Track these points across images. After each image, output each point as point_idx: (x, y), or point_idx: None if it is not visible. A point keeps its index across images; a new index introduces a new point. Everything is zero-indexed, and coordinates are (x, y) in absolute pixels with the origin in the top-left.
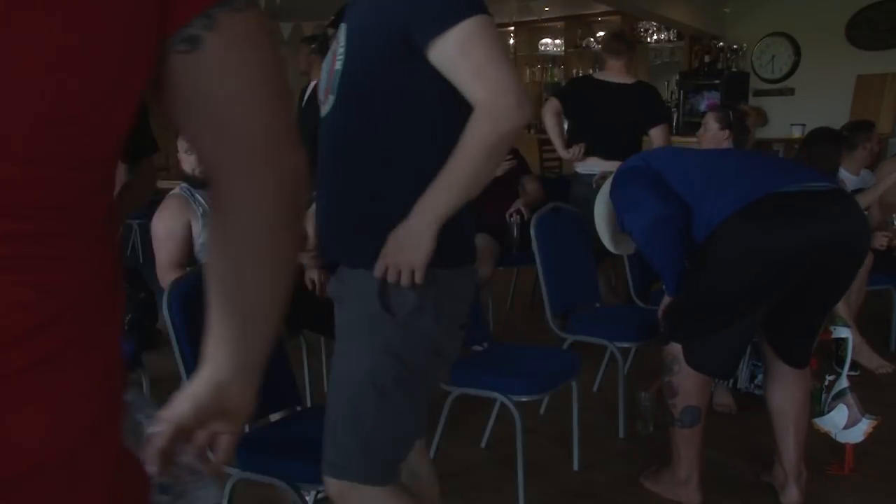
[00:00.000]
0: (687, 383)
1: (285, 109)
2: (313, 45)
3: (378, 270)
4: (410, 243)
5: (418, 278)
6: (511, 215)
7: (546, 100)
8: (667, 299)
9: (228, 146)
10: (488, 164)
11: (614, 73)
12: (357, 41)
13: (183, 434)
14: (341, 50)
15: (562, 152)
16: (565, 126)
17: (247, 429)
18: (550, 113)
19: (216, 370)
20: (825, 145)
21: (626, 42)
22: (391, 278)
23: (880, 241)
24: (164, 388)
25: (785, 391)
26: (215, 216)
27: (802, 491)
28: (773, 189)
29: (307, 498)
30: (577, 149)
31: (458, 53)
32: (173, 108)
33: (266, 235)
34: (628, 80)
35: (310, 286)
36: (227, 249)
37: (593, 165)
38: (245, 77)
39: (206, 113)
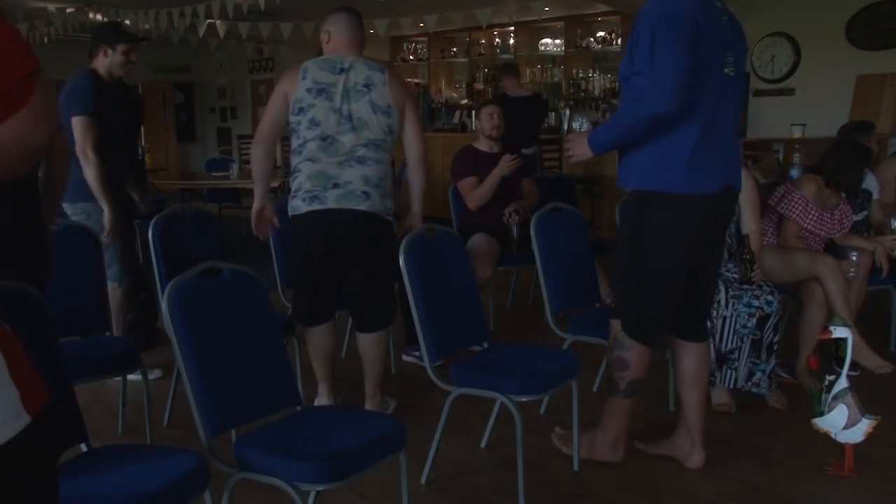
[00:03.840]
0: (638, 358)
1: None
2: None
3: None
4: None
5: None
6: (510, 215)
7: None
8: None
9: None
10: None
11: (518, 88)
12: None
13: None
14: None
15: None
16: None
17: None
18: None
19: None
20: (855, 161)
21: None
22: None
23: (892, 243)
24: (164, 388)
25: (692, 356)
26: None
27: (705, 452)
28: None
29: (308, 499)
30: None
31: None
32: None
33: None
34: (526, 93)
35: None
36: None
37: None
38: None
39: None
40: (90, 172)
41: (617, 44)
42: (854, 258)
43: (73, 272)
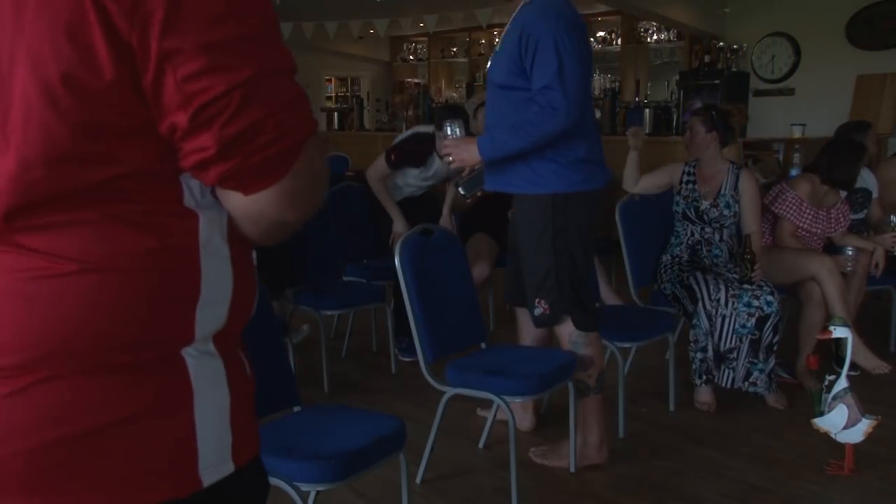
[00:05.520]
0: (596, 350)
1: None
2: None
3: None
4: None
5: None
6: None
7: None
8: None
9: None
10: None
11: None
12: None
13: None
14: None
15: None
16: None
17: None
18: None
19: None
20: (850, 158)
21: None
22: None
23: (891, 242)
24: None
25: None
26: None
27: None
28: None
29: (308, 499)
30: None
31: None
32: None
33: None
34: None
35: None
36: None
37: None
38: None
39: None
40: None
41: (617, 44)
42: (850, 253)
43: None
